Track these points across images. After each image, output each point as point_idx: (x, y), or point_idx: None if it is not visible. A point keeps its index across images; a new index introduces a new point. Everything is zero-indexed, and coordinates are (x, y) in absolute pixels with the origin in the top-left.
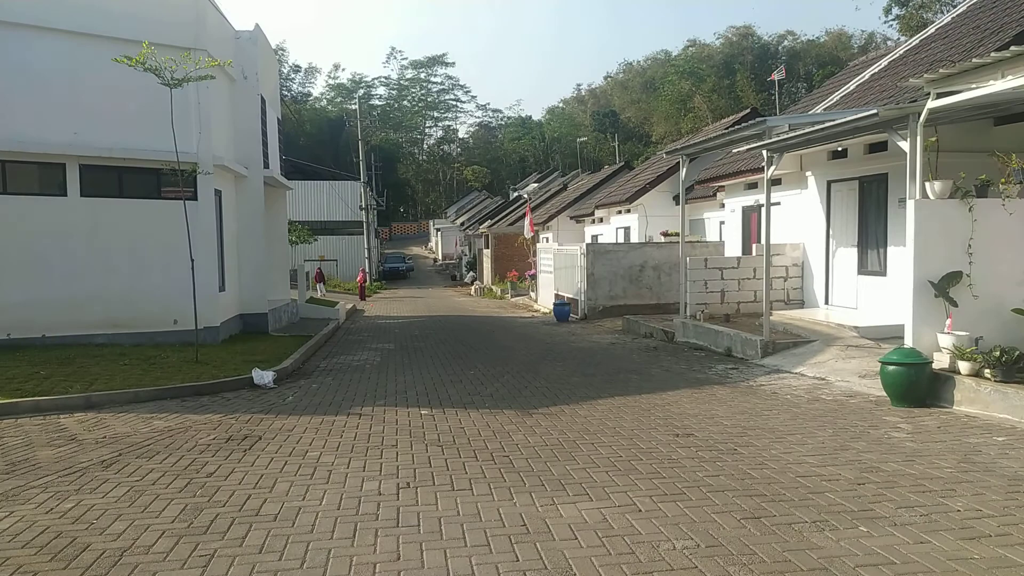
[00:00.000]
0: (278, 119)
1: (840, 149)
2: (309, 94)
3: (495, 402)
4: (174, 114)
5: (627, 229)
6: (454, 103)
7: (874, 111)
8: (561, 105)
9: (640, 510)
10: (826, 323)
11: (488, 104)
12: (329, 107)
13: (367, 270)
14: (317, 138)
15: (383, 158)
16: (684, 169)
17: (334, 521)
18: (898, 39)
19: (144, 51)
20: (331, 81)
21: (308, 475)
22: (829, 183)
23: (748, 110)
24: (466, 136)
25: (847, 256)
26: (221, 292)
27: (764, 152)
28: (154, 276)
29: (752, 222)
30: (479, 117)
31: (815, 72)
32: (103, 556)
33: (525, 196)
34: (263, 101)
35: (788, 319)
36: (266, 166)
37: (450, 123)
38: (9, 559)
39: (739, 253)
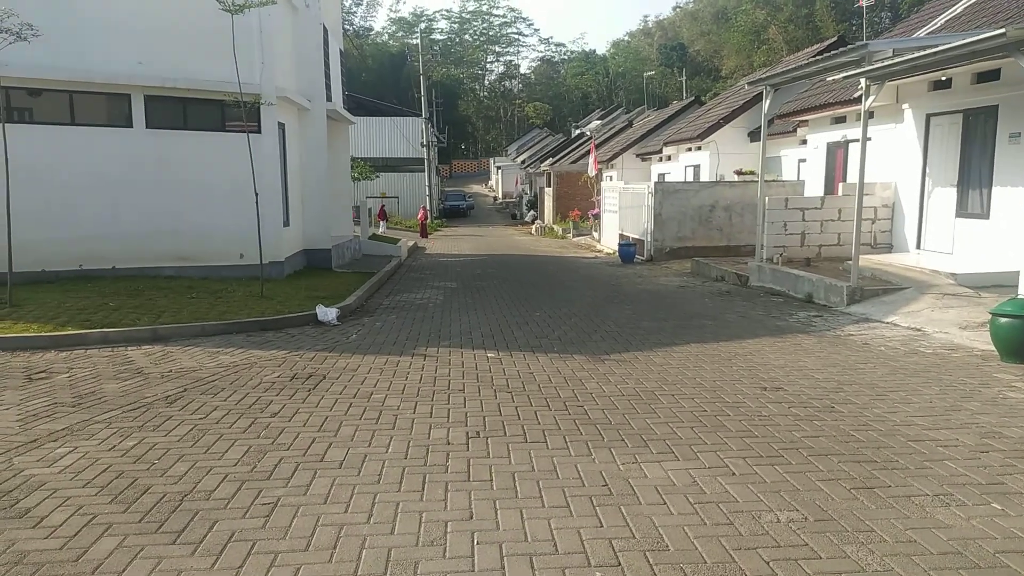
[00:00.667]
0: (340, 51)
1: (944, 79)
2: (371, 28)
3: (564, 346)
4: (237, 43)
5: (697, 167)
6: (516, 37)
7: (1001, 31)
8: (627, 38)
9: (734, 473)
10: (918, 269)
11: (551, 38)
12: (391, 42)
13: (428, 208)
14: (379, 73)
15: (444, 94)
16: (768, 101)
17: (402, 471)
18: None
19: None
20: (392, 15)
21: (373, 419)
22: (928, 116)
23: (834, 38)
24: (528, 71)
25: (944, 197)
26: (285, 227)
27: (862, 81)
28: (220, 210)
29: (838, 159)
30: (541, 51)
31: (902, 1)
32: (163, 500)
33: (588, 133)
34: (325, 31)
35: (876, 264)
36: (329, 99)
37: (512, 58)
38: (70, 498)
39: (821, 193)
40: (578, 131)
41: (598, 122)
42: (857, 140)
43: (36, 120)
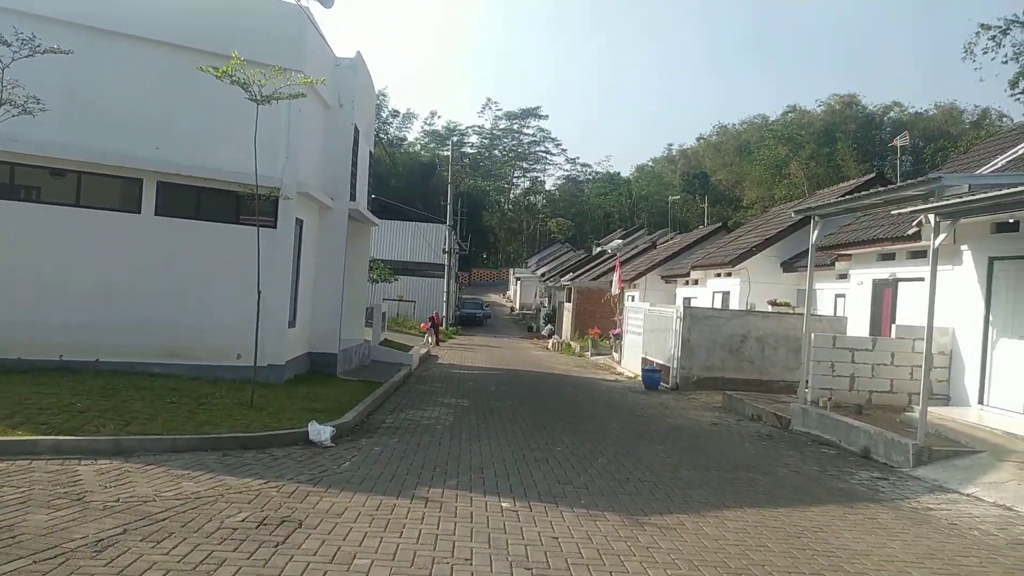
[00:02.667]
0: (371, 152)
1: (1012, 221)
2: (404, 139)
3: (592, 498)
4: (261, 134)
5: (726, 295)
6: (544, 154)
7: None
8: (650, 164)
9: None
10: (988, 429)
11: (577, 158)
12: (423, 152)
13: (443, 315)
14: (408, 181)
15: (470, 204)
16: (816, 231)
17: None
18: None
19: (233, 62)
20: (426, 127)
21: None
22: (992, 260)
23: (871, 175)
24: (552, 188)
25: (1014, 349)
26: (290, 328)
27: (931, 218)
28: (222, 306)
29: (885, 299)
30: (567, 170)
31: (924, 147)
32: None
33: (610, 251)
34: (356, 131)
35: (936, 419)
36: (353, 198)
37: (538, 174)
38: None
39: (865, 333)
40: (599, 248)
41: (619, 241)
42: (909, 280)
43: (42, 199)
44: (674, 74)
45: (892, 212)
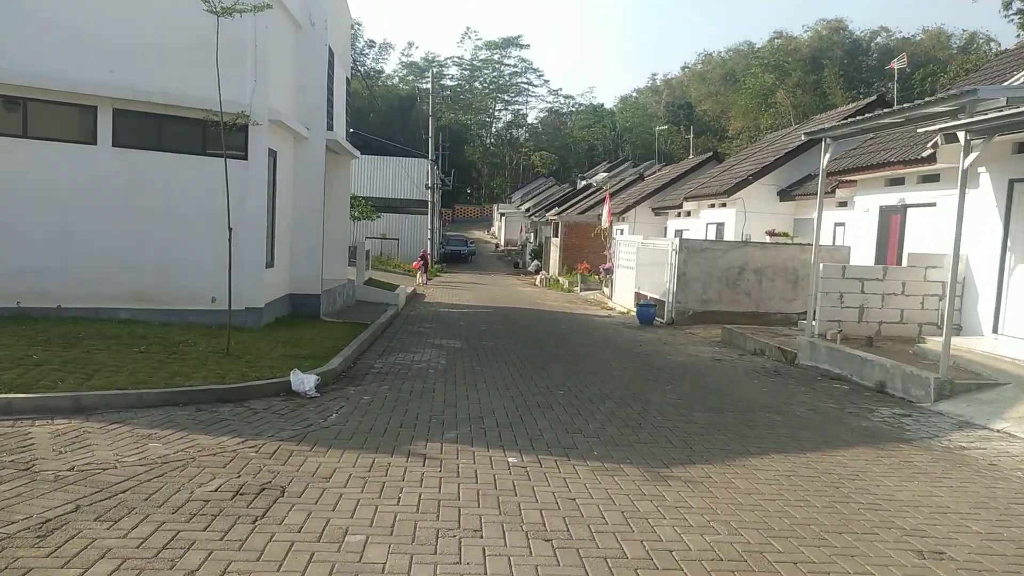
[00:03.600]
0: (347, 79)
1: None
2: (382, 71)
3: (606, 448)
4: (226, 55)
5: (720, 226)
6: (526, 86)
7: None
8: (634, 94)
9: None
10: (1006, 359)
11: (560, 89)
12: (401, 85)
13: (430, 252)
14: (387, 115)
15: (451, 139)
16: (827, 155)
17: None
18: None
19: None
20: (404, 59)
21: None
22: (1012, 182)
23: (873, 98)
24: (535, 121)
25: None
26: (268, 269)
27: (961, 136)
28: (193, 245)
29: (892, 226)
30: (550, 102)
31: (912, 72)
32: None
33: (596, 184)
34: (331, 54)
35: (952, 349)
36: (330, 128)
37: (520, 107)
38: None
39: (870, 262)
40: (584, 182)
41: (605, 174)
42: (919, 205)
43: None
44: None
45: (919, 130)
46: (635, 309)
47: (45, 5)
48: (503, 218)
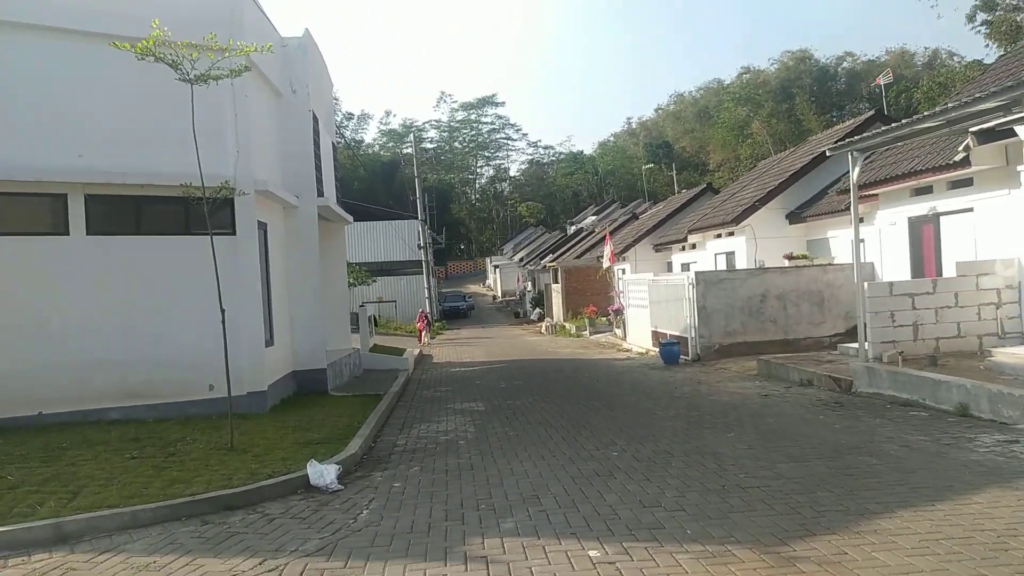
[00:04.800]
0: (333, 144)
1: None
2: (362, 141)
3: (700, 525)
4: (206, 128)
5: (730, 255)
6: (505, 141)
7: None
8: (612, 139)
9: None
10: None
11: (539, 141)
12: (382, 152)
13: (428, 311)
14: (371, 182)
15: (437, 198)
16: (856, 168)
17: None
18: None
19: (156, 34)
20: (383, 127)
21: None
22: None
23: (871, 112)
24: (518, 174)
25: None
26: (268, 348)
27: (1019, 131)
28: (184, 332)
29: (926, 236)
30: (530, 154)
31: (886, 89)
32: None
33: (587, 227)
34: (315, 120)
35: (1018, 360)
36: (320, 194)
37: (501, 161)
38: None
39: (906, 277)
40: (574, 227)
41: (594, 217)
42: (953, 212)
43: None
44: (609, 49)
45: (971, 129)
46: (655, 348)
47: (5, 94)
48: (497, 270)
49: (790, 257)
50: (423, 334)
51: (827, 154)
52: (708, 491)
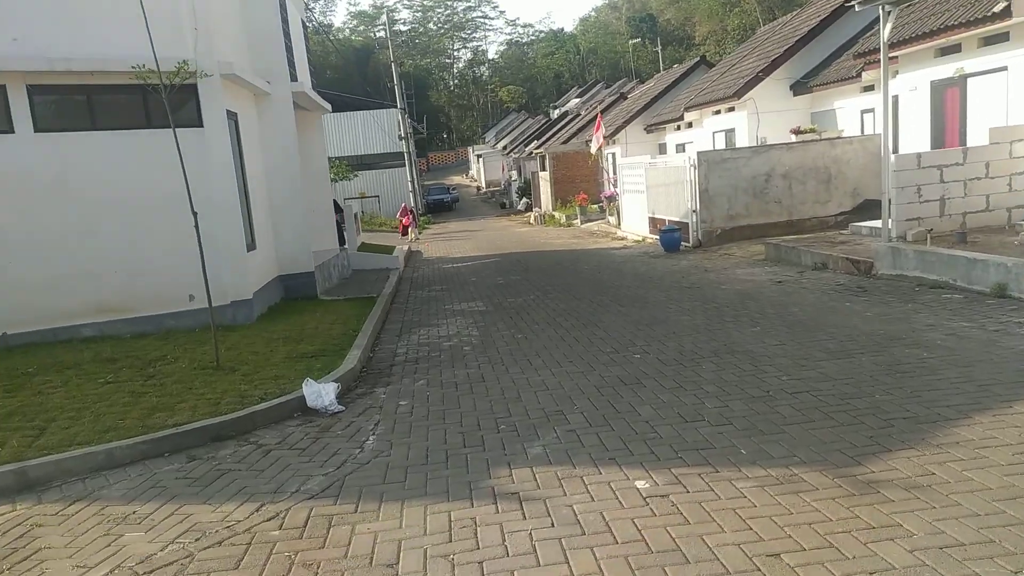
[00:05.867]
0: (303, 22)
1: None
2: (331, 24)
3: (755, 442)
4: (157, 3)
5: (730, 132)
6: (482, 20)
7: None
8: (593, 14)
9: None
10: None
11: (517, 19)
12: (353, 36)
13: (413, 206)
14: (344, 71)
15: (415, 85)
16: (889, 24)
17: None
18: None
19: None
20: (352, 6)
21: None
22: None
23: None
24: (496, 56)
25: None
26: (251, 252)
27: None
28: (156, 238)
29: (950, 102)
30: (508, 34)
31: None
32: None
33: (572, 111)
34: None
35: None
36: (294, 79)
37: (479, 43)
38: None
39: (926, 148)
40: (558, 111)
41: (577, 100)
42: (984, 73)
43: None
44: None
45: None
46: (653, 236)
47: None
48: (480, 159)
49: (797, 131)
50: (409, 230)
51: (856, 8)
52: (752, 399)
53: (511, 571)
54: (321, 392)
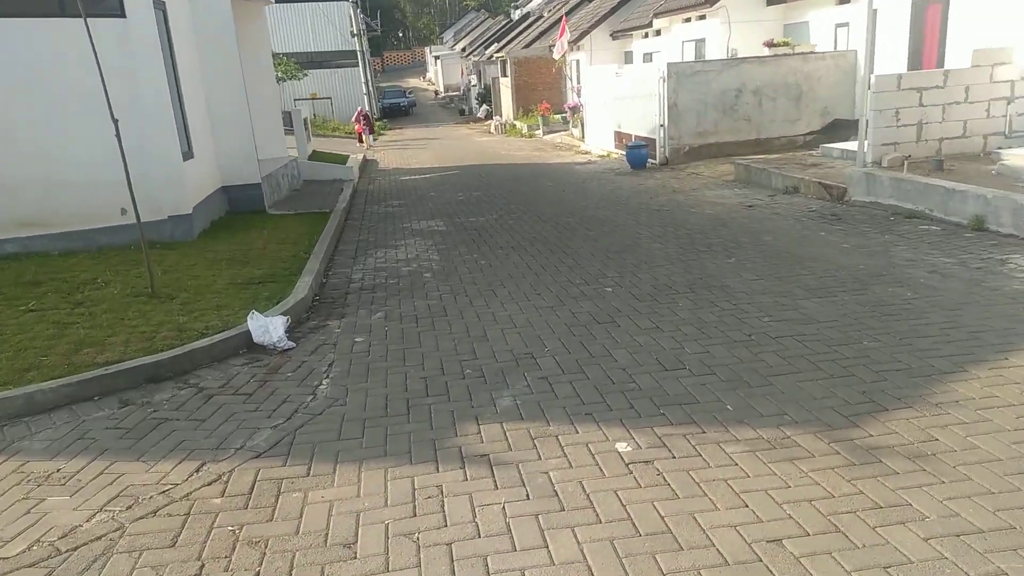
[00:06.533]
0: None
1: None
2: None
3: (741, 396)
4: None
5: (699, 43)
6: None
7: None
8: None
9: None
10: None
11: None
12: None
13: (368, 110)
14: None
15: None
16: None
17: None
18: None
19: None
20: None
21: None
22: None
23: None
24: None
25: None
26: (188, 161)
27: None
28: (78, 145)
29: (930, 18)
30: None
31: None
32: None
33: (534, 12)
34: None
35: None
36: None
37: None
38: None
39: (903, 68)
40: (520, 10)
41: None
42: None
43: None
44: None
45: None
46: (618, 151)
47: None
48: (438, 61)
49: (771, 44)
50: (363, 136)
51: None
52: (734, 343)
53: (483, 557)
54: (268, 326)
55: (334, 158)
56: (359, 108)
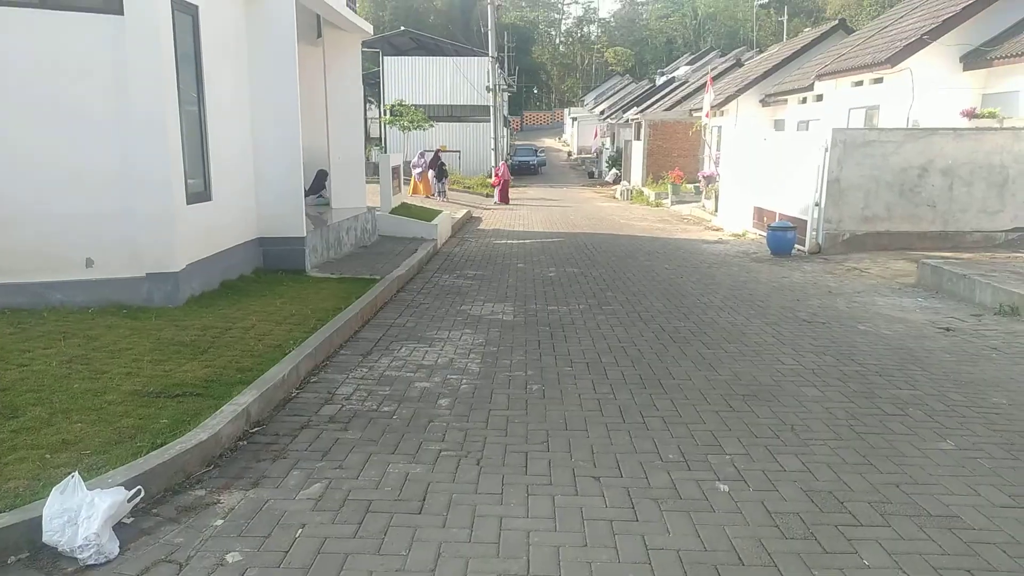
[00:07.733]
0: None
1: None
2: None
3: None
4: None
5: (871, 110)
6: None
7: None
8: None
9: None
10: None
11: None
12: None
13: (491, 163)
14: (447, 16)
15: (517, 38)
16: None
17: None
18: None
19: None
20: None
21: None
22: None
23: None
24: (608, 15)
25: None
26: (196, 204)
27: None
28: (42, 172)
29: None
30: None
31: None
32: None
33: (680, 78)
34: None
35: None
36: None
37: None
38: None
39: None
40: (665, 77)
41: (687, 67)
42: None
43: None
44: None
45: None
46: (757, 231)
47: None
48: (575, 123)
49: (971, 114)
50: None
51: None
52: None
53: None
54: (81, 514)
55: (421, 213)
56: (503, 162)
